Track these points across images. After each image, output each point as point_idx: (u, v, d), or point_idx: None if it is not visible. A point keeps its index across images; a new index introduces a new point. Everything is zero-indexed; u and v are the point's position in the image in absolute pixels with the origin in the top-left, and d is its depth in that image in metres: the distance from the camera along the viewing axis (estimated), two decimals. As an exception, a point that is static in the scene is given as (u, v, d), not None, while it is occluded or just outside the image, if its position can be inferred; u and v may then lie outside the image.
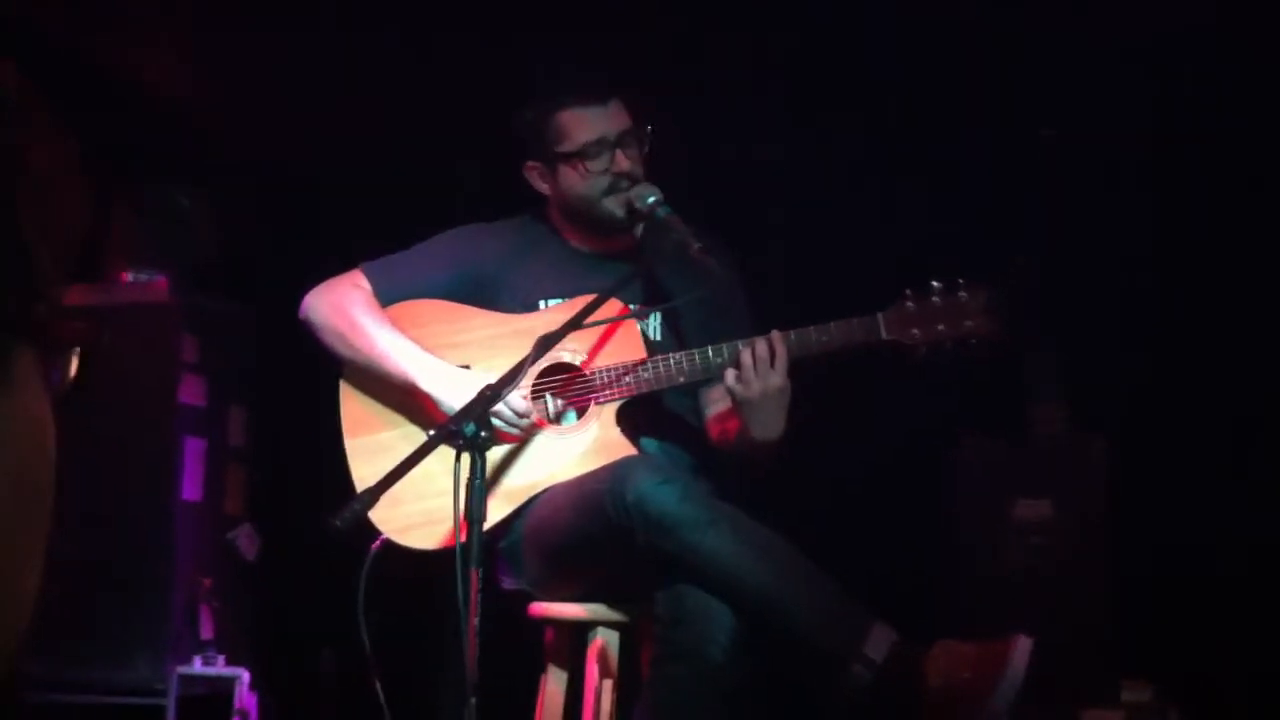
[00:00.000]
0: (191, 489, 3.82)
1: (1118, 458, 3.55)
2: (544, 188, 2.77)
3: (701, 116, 3.65)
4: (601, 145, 2.66)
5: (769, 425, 2.49)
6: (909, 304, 2.52)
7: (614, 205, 2.68)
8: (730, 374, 2.47)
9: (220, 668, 3.72)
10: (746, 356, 2.46)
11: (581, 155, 2.67)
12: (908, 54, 3.64)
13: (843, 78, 3.70)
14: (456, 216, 2.89)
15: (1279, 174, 3.46)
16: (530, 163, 2.76)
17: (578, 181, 2.70)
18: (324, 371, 2.74)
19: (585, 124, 2.68)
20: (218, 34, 3.74)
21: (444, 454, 2.17)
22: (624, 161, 2.67)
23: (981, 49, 3.60)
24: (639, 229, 2.76)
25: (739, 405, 2.48)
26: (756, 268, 2.88)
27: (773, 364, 2.46)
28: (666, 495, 2.31)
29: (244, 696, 3.67)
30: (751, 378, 2.45)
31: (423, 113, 3.89)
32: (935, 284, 2.52)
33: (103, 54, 3.77)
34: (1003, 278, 2.55)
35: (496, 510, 2.52)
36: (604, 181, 2.67)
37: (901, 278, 2.56)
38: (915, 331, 2.51)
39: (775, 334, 2.49)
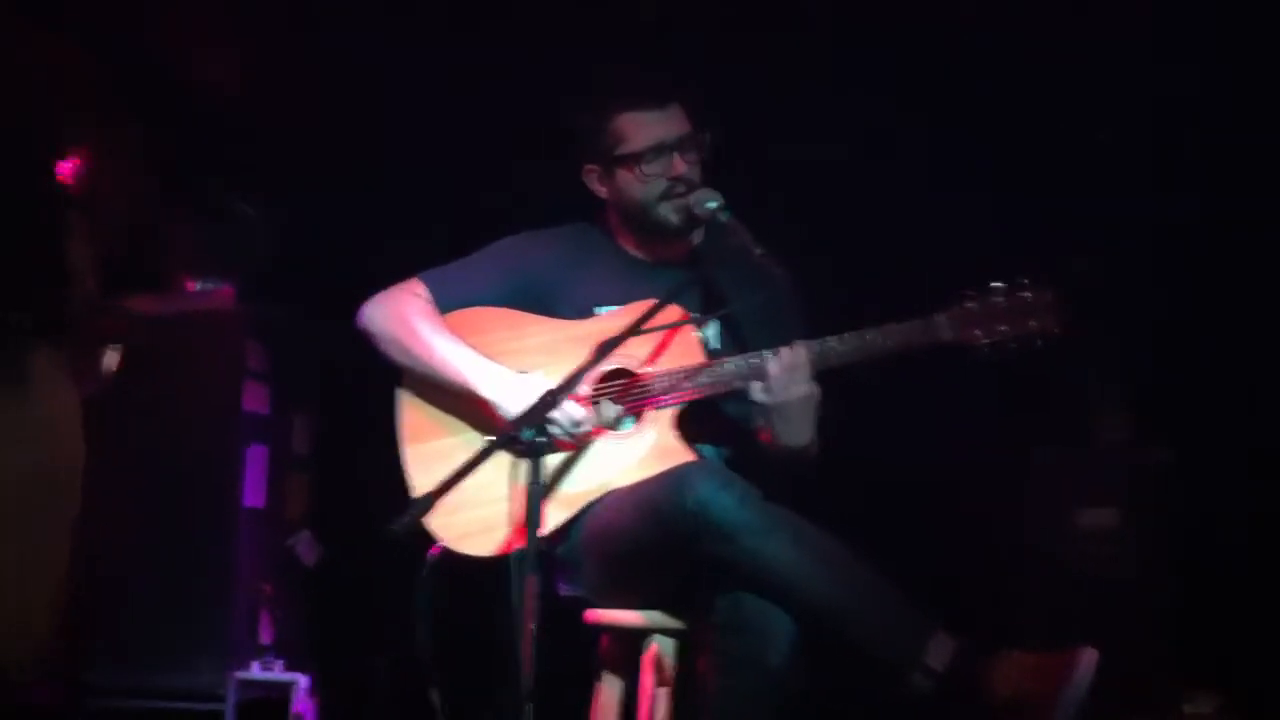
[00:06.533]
0: (254, 496, 3.86)
1: (1182, 466, 3.51)
2: (601, 191, 2.77)
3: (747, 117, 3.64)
4: (659, 149, 2.66)
5: (794, 432, 2.50)
6: (970, 304, 2.50)
7: (669, 210, 2.68)
8: (756, 385, 2.49)
9: (278, 673, 3.74)
10: (774, 365, 2.48)
11: (638, 159, 2.67)
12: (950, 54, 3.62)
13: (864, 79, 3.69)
14: (516, 222, 2.87)
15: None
16: (588, 165, 2.76)
17: (634, 185, 2.69)
18: (386, 379, 2.75)
19: (643, 127, 2.67)
20: (280, 36, 3.77)
21: (501, 461, 2.17)
22: (681, 166, 2.66)
23: (1033, 49, 3.58)
24: (696, 236, 2.76)
25: (765, 411, 2.49)
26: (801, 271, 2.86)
27: (800, 372, 2.47)
28: (727, 501, 2.30)
29: (301, 701, 3.69)
30: (779, 386, 2.46)
31: (482, 120, 3.90)
32: (997, 284, 2.50)
33: (166, 57, 3.79)
34: (1065, 279, 2.52)
35: (555, 516, 2.52)
36: (660, 186, 2.67)
37: (955, 279, 2.54)
38: (977, 331, 2.49)
39: (798, 344, 2.49)
